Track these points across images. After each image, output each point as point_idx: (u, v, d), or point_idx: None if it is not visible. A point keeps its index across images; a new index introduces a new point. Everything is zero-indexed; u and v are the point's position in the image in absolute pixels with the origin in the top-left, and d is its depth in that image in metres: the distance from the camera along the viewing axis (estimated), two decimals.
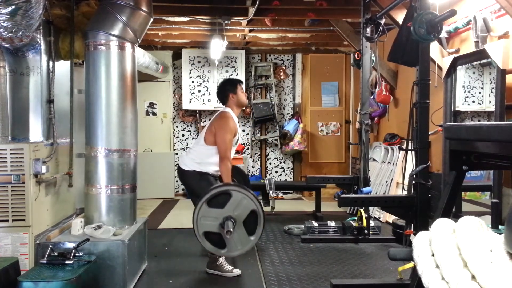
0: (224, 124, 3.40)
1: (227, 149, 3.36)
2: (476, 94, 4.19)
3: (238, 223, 2.85)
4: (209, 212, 2.85)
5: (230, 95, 3.55)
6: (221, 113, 3.53)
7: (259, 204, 2.88)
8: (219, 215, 2.84)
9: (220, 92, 3.63)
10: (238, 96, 3.57)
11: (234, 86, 3.57)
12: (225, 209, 2.85)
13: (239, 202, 2.84)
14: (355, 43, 5.61)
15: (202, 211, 2.84)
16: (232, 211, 2.84)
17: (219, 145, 3.37)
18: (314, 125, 7.34)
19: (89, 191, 3.25)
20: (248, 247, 2.93)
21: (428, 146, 3.20)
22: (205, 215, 2.85)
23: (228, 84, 3.62)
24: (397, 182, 5.26)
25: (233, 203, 2.85)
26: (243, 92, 3.64)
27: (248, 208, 2.85)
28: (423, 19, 2.97)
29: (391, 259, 2.14)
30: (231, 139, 3.41)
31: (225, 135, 3.36)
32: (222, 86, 3.63)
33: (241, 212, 2.85)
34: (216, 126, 3.44)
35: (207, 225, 2.85)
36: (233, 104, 3.57)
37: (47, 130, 3.28)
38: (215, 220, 2.85)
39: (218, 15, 5.08)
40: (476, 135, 1.79)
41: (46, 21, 3.21)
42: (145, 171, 6.27)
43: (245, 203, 2.85)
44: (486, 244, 1.47)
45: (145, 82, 6.86)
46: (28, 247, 2.94)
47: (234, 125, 3.47)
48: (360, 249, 4.27)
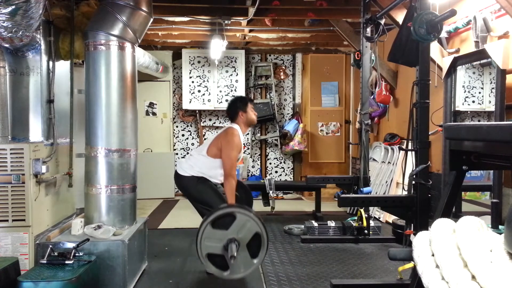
0: (231, 141, 3.40)
1: (232, 167, 3.36)
2: (476, 94, 4.19)
3: (242, 245, 2.80)
4: (213, 233, 2.80)
5: (240, 113, 3.56)
6: (229, 129, 3.53)
7: (263, 227, 2.86)
8: (223, 237, 2.79)
9: (230, 109, 3.63)
10: (248, 115, 3.58)
11: (245, 104, 3.58)
12: (229, 231, 2.79)
13: (243, 224, 2.81)
14: (355, 43, 5.61)
15: (206, 233, 2.80)
16: (236, 233, 2.79)
17: (225, 162, 3.37)
18: (314, 125, 7.34)
19: (89, 191, 3.25)
20: (250, 270, 2.87)
21: (428, 146, 3.20)
22: (209, 237, 2.80)
23: (239, 101, 3.63)
24: (397, 182, 5.26)
25: (237, 225, 2.80)
26: (253, 110, 3.65)
27: (252, 231, 2.82)
28: (423, 19, 2.96)
29: (391, 259, 2.14)
30: (236, 156, 3.41)
31: (232, 152, 3.37)
32: (232, 103, 3.64)
33: (245, 234, 2.80)
34: (223, 142, 3.43)
35: (211, 247, 2.80)
36: (242, 121, 3.58)
37: (47, 130, 3.28)
38: (219, 242, 2.79)
39: (218, 15, 5.08)
40: (476, 135, 1.79)
41: (46, 21, 3.21)
42: (145, 171, 6.27)
43: (249, 226, 2.81)
44: (486, 244, 1.47)
45: (145, 82, 6.86)
46: (28, 247, 2.94)
47: (240, 142, 3.49)
48: (360, 249, 4.27)
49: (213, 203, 3.32)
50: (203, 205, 3.41)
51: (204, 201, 3.41)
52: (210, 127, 7.37)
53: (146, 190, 6.47)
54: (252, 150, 7.41)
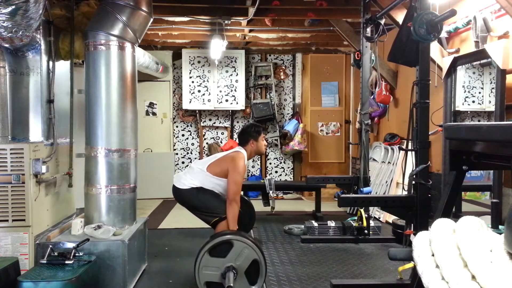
0: (238, 166, 3.33)
1: (237, 193, 3.31)
2: (476, 94, 4.18)
3: (240, 273, 2.80)
4: (210, 261, 2.81)
5: (251, 141, 3.53)
6: (237, 153, 3.45)
7: (261, 254, 2.85)
8: (220, 265, 2.80)
9: (242, 134, 3.60)
10: (258, 144, 3.56)
11: (258, 134, 3.56)
12: (226, 259, 2.80)
13: (240, 251, 2.80)
14: (355, 43, 5.61)
15: (204, 261, 2.80)
16: (233, 261, 2.79)
17: (230, 187, 3.29)
18: (314, 125, 7.34)
19: (89, 191, 3.25)
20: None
21: (428, 146, 3.20)
22: (206, 265, 2.80)
23: (253, 129, 3.59)
24: (397, 182, 5.26)
25: (234, 252, 2.80)
26: (264, 141, 3.64)
27: (249, 258, 2.81)
28: (423, 19, 2.96)
29: (391, 259, 2.14)
30: (241, 182, 3.36)
31: (238, 178, 3.31)
32: (246, 129, 3.61)
33: (243, 262, 2.81)
34: (230, 166, 3.34)
35: (209, 275, 2.81)
36: (250, 149, 3.55)
37: (47, 130, 3.28)
38: (217, 270, 2.80)
39: (218, 15, 5.08)
40: (476, 135, 1.79)
41: (46, 21, 3.21)
42: (145, 171, 6.27)
43: (247, 253, 2.81)
44: (486, 244, 1.47)
45: (145, 82, 6.86)
46: (28, 247, 2.94)
47: (245, 168, 3.45)
48: (360, 249, 4.26)
49: (217, 208, 3.27)
50: (207, 212, 3.34)
51: (208, 208, 3.33)
52: (210, 127, 7.37)
53: (146, 190, 6.47)
54: None
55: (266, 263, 2.87)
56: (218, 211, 3.26)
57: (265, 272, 2.85)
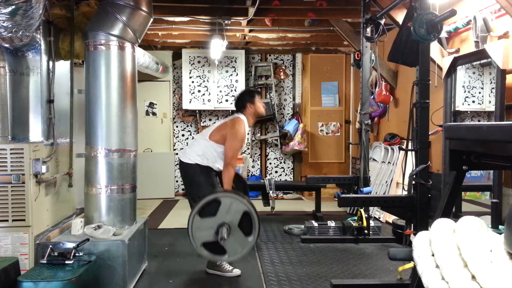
0: (237, 133, 3.41)
1: (234, 157, 3.40)
2: (476, 94, 4.18)
3: (234, 227, 2.86)
4: (202, 223, 2.86)
5: (248, 105, 3.58)
6: (236, 118, 3.53)
7: (250, 205, 2.90)
8: (213, 224, 2.86)
9: (238, 102, 3.65)
10: (256, 107, 3.60)
11: (253, 97, 3.61)
12: (217, 217, 2.86)
13: (229, 207, 2.86)
14: (355, 43, 5.61)
15: (195, 224, 2.86)
16: (224, 217, 2.86)
17: (227, 152, 3.39)
18: (314, 125, 7.34)
19: (89, 191, 3.25)
20: (247, 248, 2.94)
21: (428, 146, 3.20)
22: (199, 227, 2.86)
23: (247, 94, 3.68)
24: (397, 182, 5.26)
25: (223, 209, 2.86)
26: (261, 102, 3.67)
27: (239, 211, 2.87)
28: (423, 19, 2.96)
29: (391, 259, 2.14)
30: (239, 148, 3.45)
31: (236, 144, 3.39)
32: (241, 96, 3.67)
33: (233, 216, 2.87)
34: (229, 131, 3.43)
35: (203, 236, 2.87)
36: (249, 114, 3.59)
37: (47, 130, 3.28)
38: (210, 229, 2.86)
39: (218, 15, 5.08)
40: (476, 135, 1.79)
41: (46, 21, 3.21)
42: (145, 171, 6.26)
43: (235, 207, 2.87)
44: (486, 244, 1.47)
45: (145, 82, 6.86)
46: (28, 247, 2.94)
47: (245, 134, 3.50)
48: (360, 249, 4.26)
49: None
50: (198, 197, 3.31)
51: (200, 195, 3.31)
52: None
53: (146, 190, 6.47)
54: (252, 150, 7.41)
55: (257, 213, 2.91)
56: None
57: (258, 221, 2.90)
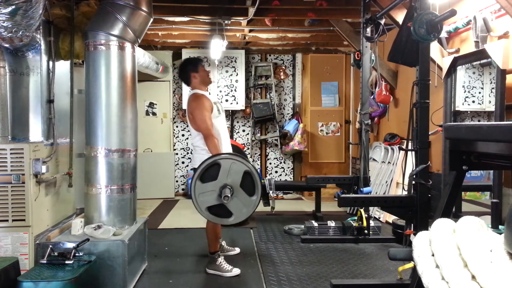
0: (196, 105, 3.39)
1: (207, 127, 3.34)
2: (476, 94, 4.18)
3: (236, 188, 2.88)
4: (204, 187, 2.87)
5: (192, 75, 3.53)
6: (190, 96, 3.52)
7: (250, 164, 2.92)
8: (215, 187, 2.87)
9: (181, 73, 3.60)
10: (201, 75, 3.54)
11: (195, 65, 3.55)
12: (218, 180, 2.87)
13: (229, 168, 2.87)
14: (355, 43, 5.61)
15: (198, 189, 2.87)
16: (226, 179, 2.87)
17: (200, 126, 3.36)
18: (314, 125, 7.34)
19: (89, 191, 3.25)
20: (252, 207, 2.94)
21: (428, 146, 3.20)
22: (201, 192, 2.88)
23: (188, 64, 3.59)
24: (397, 182, 5.26)
25: (224, 171, 2.87)
26: (205, 70, 3.60)
27: (240, 171, 2.87)
28: (423, 19, 2.96)
29: (391, 259, 2.14)
30: (209, 116, 3.37)
31: (202, 114, 3.34)
32: (183, 67, 3.60)
33: (234, 177, 2.87)
34: (190, 110, 3.43)
35: (207, 200, 2.88)
36: (197, 84, 3.54)
37: (47, 130, 3.28)
38: (212, 193, 2.87)
39: (218, 15, 5.08)
40: (476, 135, 1.79)
41: (46, 21, 3.21)
42: (145, 171, 6.26)
43: (235, 168, 2.87)
44: (486, 244, 1.47)
45: (145, 82, 6.86)
46: (28, 247, 2.94)
47: (207, 100, 3.43)
48: (360, 249, 4.26)
49: None
50: None
51: None
52: None
53: (146, 190, 6.47)
54: (252, 150, 7.41)
55: (258, 172, 2.92)
56: None
57: (260, 180, 2.91)
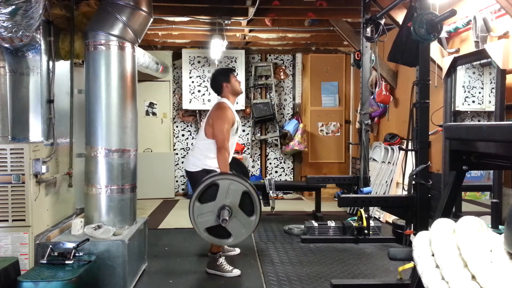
0: (221, 114, 3.39)
1: (224, 139, 3.33)
2: (476, 94, 4.18)
3: (235, 208, 2.85)
4: (202, 208, 2.85)
5: (224, 84, 3.54)
6: (217, 104, 3.51)
7: (248, 184, 2.89)
8: (213, 208, 2.85)
9: (213, 83, 3.61)
10: (232, 85, 3.55)
11: (227, 75, 3.56)
12: (217, 201, 2.84)
13: (227, 189, 2.84)
14: (355, 43, 5.61)
15: (196, 210, 2.85)
16: (224, 200, 2.84)
17: (217, 136, 3.35)
18: (314, 125, 7.34)
19: (89, 191, 3.25)
20: (252, 228, 2.92)
21: (428, 146, 3.20)
22: (200, 213, 2.85)
23: (220, 74, 3.61)
24: (397, 182, 5.26)
25: (222, 191, 2.84)
26: (237, 80, 3.63)
27: (238, 192, 2.85)
28: (423, 19, 2.96)
29: (391, 259, 2.14)
30: (228, 129, 3.38)
31: (223, 125, 3.34)
32: (215, 77, 3.62)
33: (233, 197, 2.85)
34: (213, 117, 3.42)
35: (206, 222, 2.86)
36: (228, 93, 3.54)
37: (47, 130, 3.28)
38: (211, 214, 2.85)
39: (218, 15, 5.08)
40: (476, 135, 1.79)
41: (46, 21, 3.21)
42: (145, 171, 6.27)
43: (234, 188, 2.85)
44: (486, 244, 1.47)
45: (145, 82, 6.86)
46: (28, 247, 2.94)
47: (232, 114, 3.45)
48: (360, 249, 4.26)
49: None
50: None
51: None
52: None
53: (146, 190, 6.46)
54: (252, 150, 7.41)
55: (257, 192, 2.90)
56: None
57: (258, 200, 2.89)
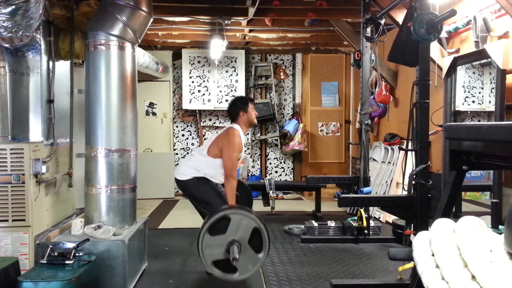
0: (232, 142, 3.38)
1: (233, 168, 3.35)
2: (476, 94, 4.19)
3: (244, 244, 2.80)
4: (212, 240, 2.80)
5: (240, 113, 3.55)
6: (229, 129, 3.50)
7: (259, 221, 2.86)
8: (223, 242, 2.78)
9: (231, 109, 3.61)
10: (249, 115, 3.57)
11: (246, 104, 3.57)
12: (227, 234, 2.79)
13: (239, 223, 2.80)
14: (355, 43, 5.61)
15: (206, 242, 2.80)
16: (234, 234, 2.79)
17: (226, 163, 3.35)
18: (314, 125, 7.34)
19: (89, 191, 3.25)
20: (258, 265, 2.87)
21: (428, 146, 3.20)
22: (209, 245, 2.80)
23: (239, 101, 3.62)
24: (397, 182, 5.26)
25: (233, 226, 2.79)
26: (254, 111, 3.64)
27: (249, 228, 2.82)
28: (423, 19, 2.97)
29: (391, 259, 2.14)
30: (237, 157, 3.40)
31: (233, 153, 3.35)
32: (233, 103, 3.63)
33: (243, 233, 2.80)
34: (224, 142, 3.41)
35: (214, 254, 2.80)
36: (242, 122, 3.56)
37: (47, 130, 3.28)
38: (220, 247, 2.79)
39: (218, 15, 5.08)
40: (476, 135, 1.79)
41: (46, 21, 3.21)
42: (145, 171, 6.26)
43: (245, 223, 2.81)
44: (486, 244, 1.47)
45: (145, 82, 6.86)
46: (28, 247, 2.94)
47: (241, 143, 3.47)
48: (360, 249, 4.26)
49: (214, 203, 3.31)
50: (205, 205, 3.41)
51: (205, 201, 3.40)
52: (210, 127, 7.37)
53: (146, 190, 6.46)
54: (252, 150, 7.41)
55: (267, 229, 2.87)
56: (216, 208, 3.26)
57: (268, 237, 2.85)
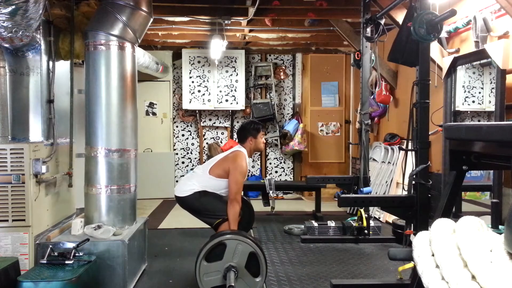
0: (240, 166, 3.33)
1: (238, 192, 3.31)
2: (476, 94, 4.18)
3: (241, 269, 2.83)
4: (209, 267, 2.84)
5: (249, 138, 3.51)
6: (237, 152, 3.44)
7: (255, 245, 2.88)
8: (220, 268, 2.83)
9: (242, 131, 3.58)
10: (257, 142, 3.54)
11: (257, 131, 3.54)
12: (224, 260, 2.83)
13: (235, 249, 2.84)
14: (355, 43, 5.61)
15: (203, 269, 2.84)
16: (231, 260, 2.83)
17: (231, 187, 3.29)
18: (314, 125, 7.34)
19: (89, 191, 3.25)
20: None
21: (428, 146, 3.20)
22: (206, 272, 2.84)
23: (252, 127, 3.57)
24: (397, 182, 5.26)
25: (229, 252, 2.83)
26: (263, 138, 3.61)
27: (245, 253, 2.84)
28: (423, 19, 2.97)
29: (391, 259, 2.14)
30: (243, 181, 3.36)
31: (239, 178, 3.30)
32: (245, 126, 3.59)
33: (240, 258, 2.84)
34: (231, 166, 3.34)
35: (211, 281, 2.84)
36: (249, 147, 3.52)
37: (47, 130, 3.28)
38: (217, 273, 2.83)
39: (218, 15, 5.08)
40: (476, 135, 1.79)
41: (46, 21, 3.21)
42: (145, 171, 6.26)
43: (241, 249, 2.84)
44: (486, 244, 1.47)
45: (145, 82, 6.85)
46: (28, 247, 2.94)
47: (247, 167, 3.43)
48: (360, 249, 4.26)
49: (219, 210, 3.26)
50: (210, 214, 3.32)
51: (210, 211, 3.32)
52: (210, 127, 7.37)
53: (146, 190, 6.46)
54: None
55: (264, 253, 2.89)
56: (220, 213, 3.24)
57: (265, 261, 2.87)
